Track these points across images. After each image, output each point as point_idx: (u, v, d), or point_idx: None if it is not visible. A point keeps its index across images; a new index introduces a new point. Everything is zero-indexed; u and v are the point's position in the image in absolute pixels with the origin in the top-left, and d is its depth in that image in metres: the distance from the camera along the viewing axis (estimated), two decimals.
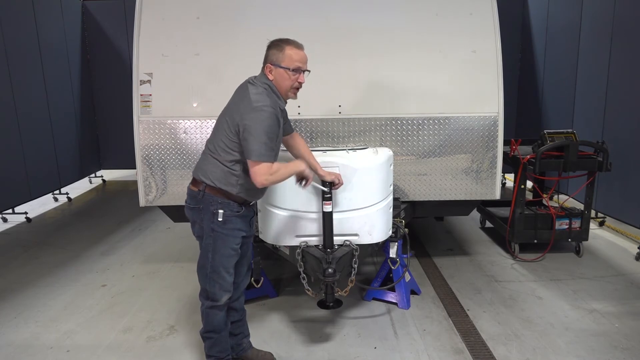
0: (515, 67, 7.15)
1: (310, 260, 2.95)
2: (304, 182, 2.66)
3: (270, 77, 2.52)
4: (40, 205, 6.65)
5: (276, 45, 2.53)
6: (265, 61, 2.55)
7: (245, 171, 2.49)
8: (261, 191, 2.67)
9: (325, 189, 2.79)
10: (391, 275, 3.58)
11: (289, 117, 2.79)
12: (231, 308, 2.78)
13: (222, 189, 2.49)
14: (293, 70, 2.49)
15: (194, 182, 2.58)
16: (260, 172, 2.39)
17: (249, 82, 2.55)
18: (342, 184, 2.85)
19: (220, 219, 2.49)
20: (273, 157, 2.46)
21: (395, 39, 3.76)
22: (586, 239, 4.50)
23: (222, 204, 2.50)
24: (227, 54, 3.75)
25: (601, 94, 5.11)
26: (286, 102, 2.63)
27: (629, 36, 4.68)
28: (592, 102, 5.32)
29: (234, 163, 2.48)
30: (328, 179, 2.79)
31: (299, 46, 2.54)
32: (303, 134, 3.76)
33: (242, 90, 2.53)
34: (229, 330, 2.75)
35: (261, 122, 2.37)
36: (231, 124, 2.44)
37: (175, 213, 3.99)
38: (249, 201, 2.60)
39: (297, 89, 2.58)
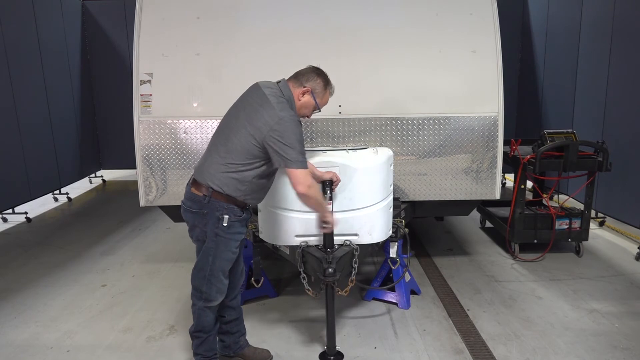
0: (515, 67, 7.14)
1: (311, 260, 2.95)
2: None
3: (301, 97, 2.59)
4: (40, 205, 6.65)
5: (324, 79, 2.64)
6: (304, 82, 2.59)
7: (257, 177, 2.52)
8: (262, 195, 2.69)
9: (325, 189, 2.79)
10: (391, 275, 3.58)
11: None
12: (228, 306, 2.81)
13: (229, 195, 2.48)
14: (320, 109, 2.69)
15: (197, 185, 2.54)
16: (301, 179, 2.43)
17: (266, 87, 2.54)
18: (339, 181, 2.86)
19: (225, 224, 2.49)
20: (307, 164, 2.50)
21: (395, 39, 3.76)
22: (586, 239, 4.50)
23: (227, 209, 2.49)
24: (227, 54, 3.75)
25: (601, 94, 5.11)
26: None
27: (629, 36, 4.67)
28: (592, 102, 5.31)
29: (250, 170, 2.49)
30: (327, 177, 2.80)
31: (332, 93, 2.73)
32: (303, 134, 3.75)
33: (259, 97, 2.50)
34: (217, 330, 2.78)
35: (294, 132, 2.42)
36: (254, 133, 2.42)
37: (175, 213, 3.98)
38: (248, 205, 2.62)
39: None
